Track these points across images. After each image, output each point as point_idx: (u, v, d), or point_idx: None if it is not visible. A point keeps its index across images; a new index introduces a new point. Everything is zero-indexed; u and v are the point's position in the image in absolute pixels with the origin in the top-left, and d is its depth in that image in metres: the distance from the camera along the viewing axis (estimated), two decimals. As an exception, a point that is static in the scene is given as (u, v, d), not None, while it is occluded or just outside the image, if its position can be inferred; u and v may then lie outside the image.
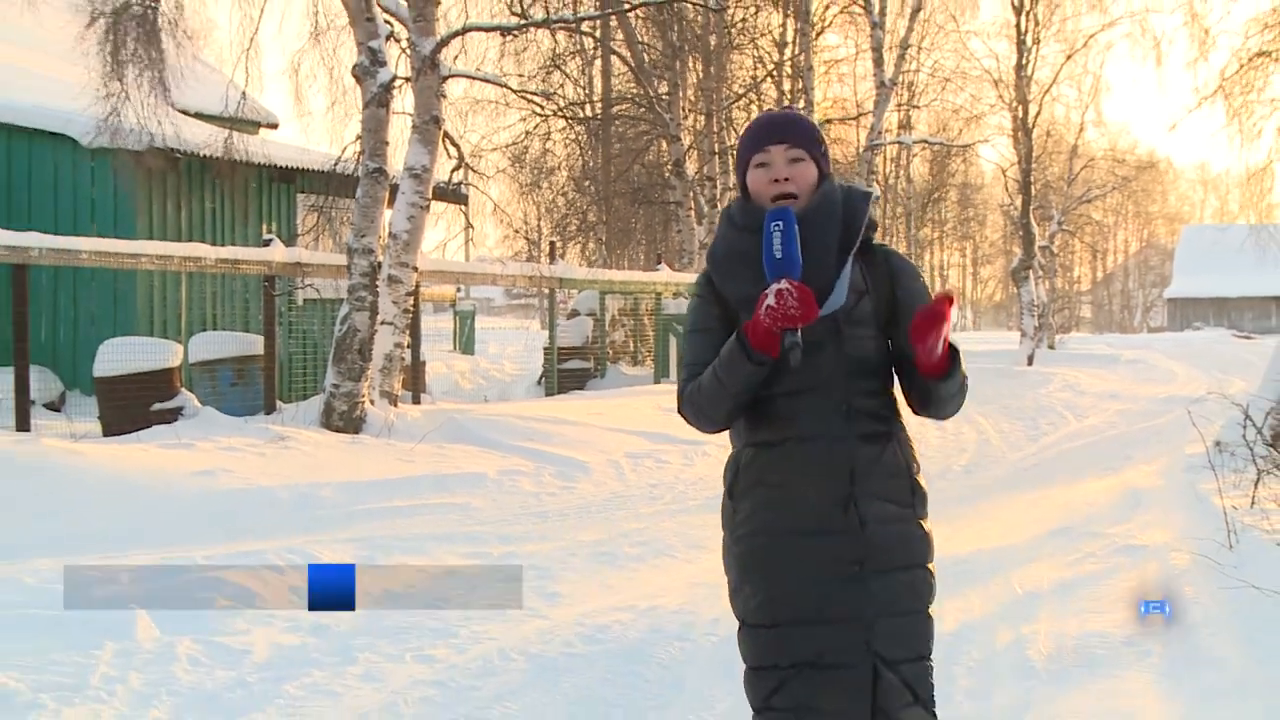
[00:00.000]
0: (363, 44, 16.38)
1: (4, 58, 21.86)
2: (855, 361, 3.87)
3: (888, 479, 3.88)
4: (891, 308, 3.96)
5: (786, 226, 3.73)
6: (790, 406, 3.85)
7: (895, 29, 32.24)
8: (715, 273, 4.01)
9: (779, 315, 3.62)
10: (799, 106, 32.05)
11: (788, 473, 3.85)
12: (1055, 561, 10.20)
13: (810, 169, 3.97)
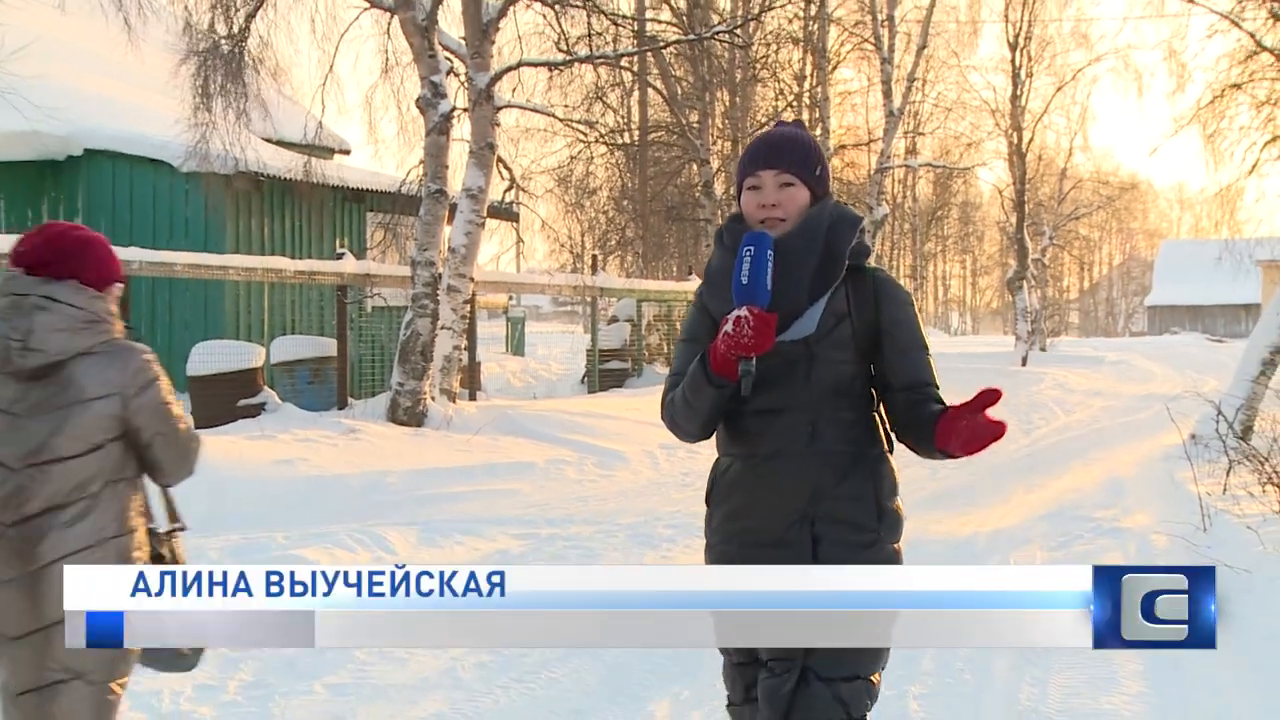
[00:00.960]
0: (426, 78, 16.41)
1: (109, 92, 21.94)
2: (826, 385, 3.52)
3: (849, 501, 3.51)
4: (875, 332, 3.60)
5: (757, 253, 3.40)
6: (759, 424, 3.55)
7: (902, 64, 32.13)
8: (705, 287, 3.75)
9: (733, 342, 3.33)
10: (816, 133, 32.01)
11: (753, 486, 3.56)
12: (1046, 543, 10.17)
13: (800, 193, 3.62)
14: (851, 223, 3.63)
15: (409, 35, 16.59)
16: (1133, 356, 38.01)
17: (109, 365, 4.01)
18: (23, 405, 3.95)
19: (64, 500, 3.91)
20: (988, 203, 59.39)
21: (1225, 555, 8.49)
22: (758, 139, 3.77)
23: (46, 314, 3.95)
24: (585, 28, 21.17)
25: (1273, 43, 17.33)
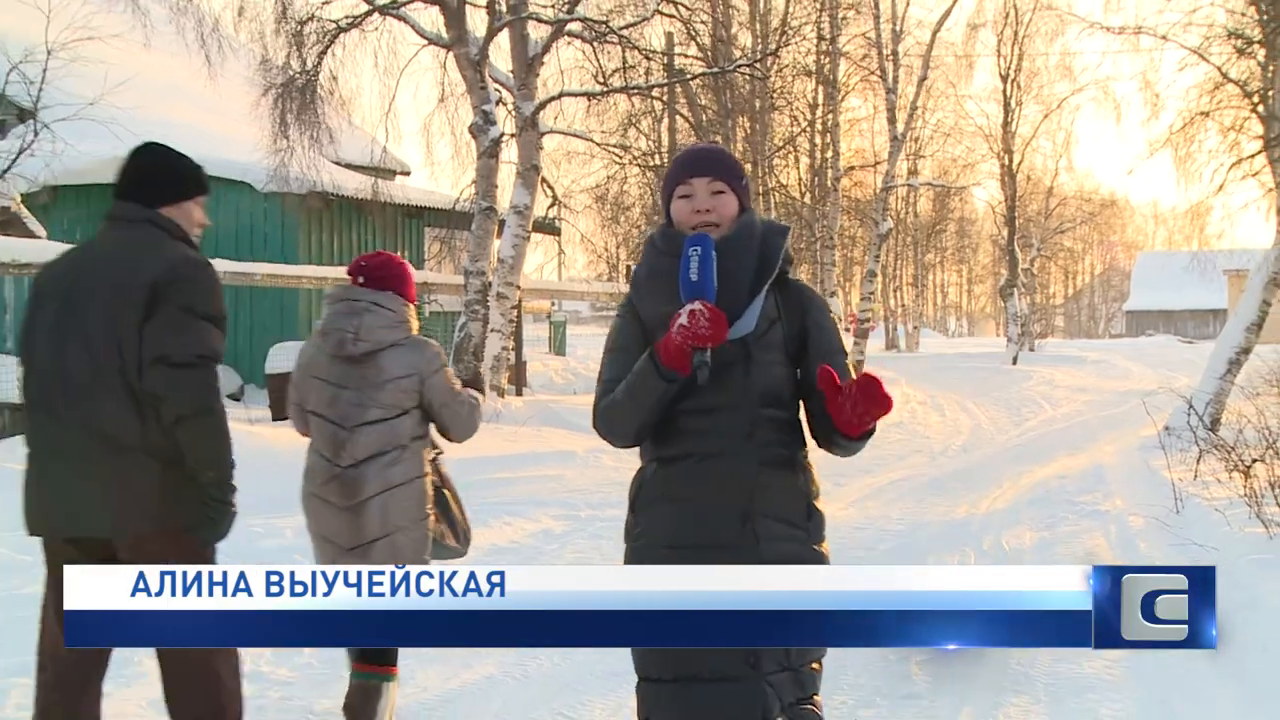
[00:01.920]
0: (478, 107, 16.44)
1: (196, 120, 22.07)
2: (762, 386, 3.30)
3: (786, 501, 3.30)
4: (801, 338, 3.40)
5: (704, 252, 3.21)
6: (697, 423, 3.28)
7: (905, 93, 32.04)
8: (635, 293, 3.47)
9: (690, 334, 3.10)
10: (827, 155, 31.96)
11: (690, 487, 3.28)
12: (1035, 524, 10.14)
13: (731, 201, 3.43)
14: (781, 231, 3.47)
15: (463, 69, 16.63)
16: (1112, 356, 37.85)
17: (410, 354, 5.00)
18: (350, 381, 4.96)
19: (380, 450, 4.90)
20: (982, 218, 59.17)
21: (1195, 535, 8.47)
22: (686, 151, 3.59)
23: (372, 315, 5.00)
24: (620, 62, 21.17)
25: (1237, 75, 17.37)
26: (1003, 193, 38.65)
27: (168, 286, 4.05)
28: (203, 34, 17.28)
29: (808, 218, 32.86)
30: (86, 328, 4.05)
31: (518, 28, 16.81)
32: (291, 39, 16.95)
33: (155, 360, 3.97)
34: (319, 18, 16.92)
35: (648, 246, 3.52)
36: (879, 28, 30.42)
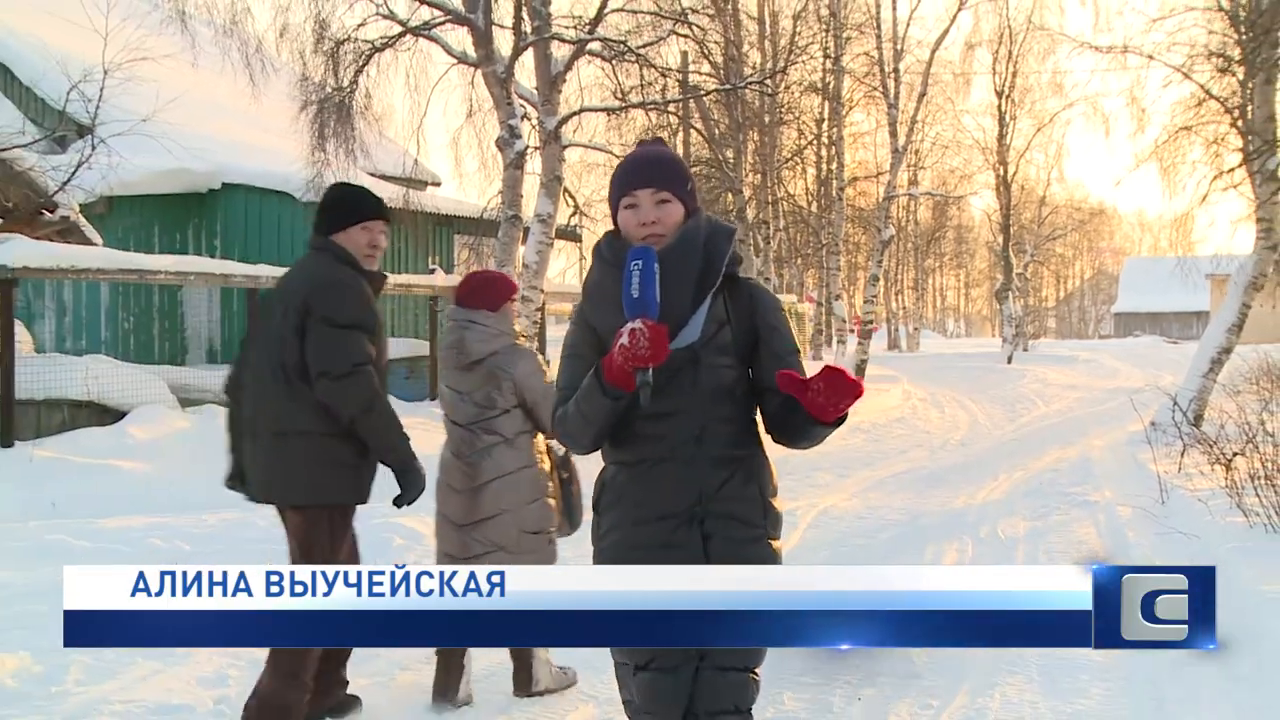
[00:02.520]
0: (504, 122, 16.47)
1: (241, 136, 22.15)
2: (712, 390, 3.15)
3: (737, 501, 3.16)
4: (752, 338, 3.23)
5: (645, 266, 3.00)
6: (650, 429, 3.14)
7: (906, 108, 32.00)
8: (587, 303, 3.31)
9: (630, 354, 2.93)
10: (832, 167, 31.86)
11: (643, 492, 3.17)
12: (1029, 513, 10.14)
13: (676, 209, 3.24)
14: (727, 234, 3.29)
15: (490, 86, 16.66)
16: (1102, 356, 37.76)
17: (506, 361, 5.49)
18: (464, 387, 5.52)
19: (491, 444, 5.45)
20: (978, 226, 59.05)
21: (1179, 523, 8.47)
22: (630, 159, 3.35)
23: (470, 331, 5.52)
24: (638, 79, 21.17)
25: (1219, 92, 17.38)
26: (998, 202, 38.68)
27: (312, 302, 4.71)
28: (247, 54, 17.33)
29: (814, 225, 32.86)
30: (268, 335, 4.83)
31: (541, 47, 16.83)
32: (329, 58, 17.01)
33: (320, 375, 4.66)
34: (355, 38, 16.97)
35: (595, 255, 3.34)
36: (881, 47, 30.40)
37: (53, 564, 7.24)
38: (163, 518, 8.96)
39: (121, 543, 7.90)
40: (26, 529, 8.18)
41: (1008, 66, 36.64)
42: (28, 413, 12.33)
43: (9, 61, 21.70)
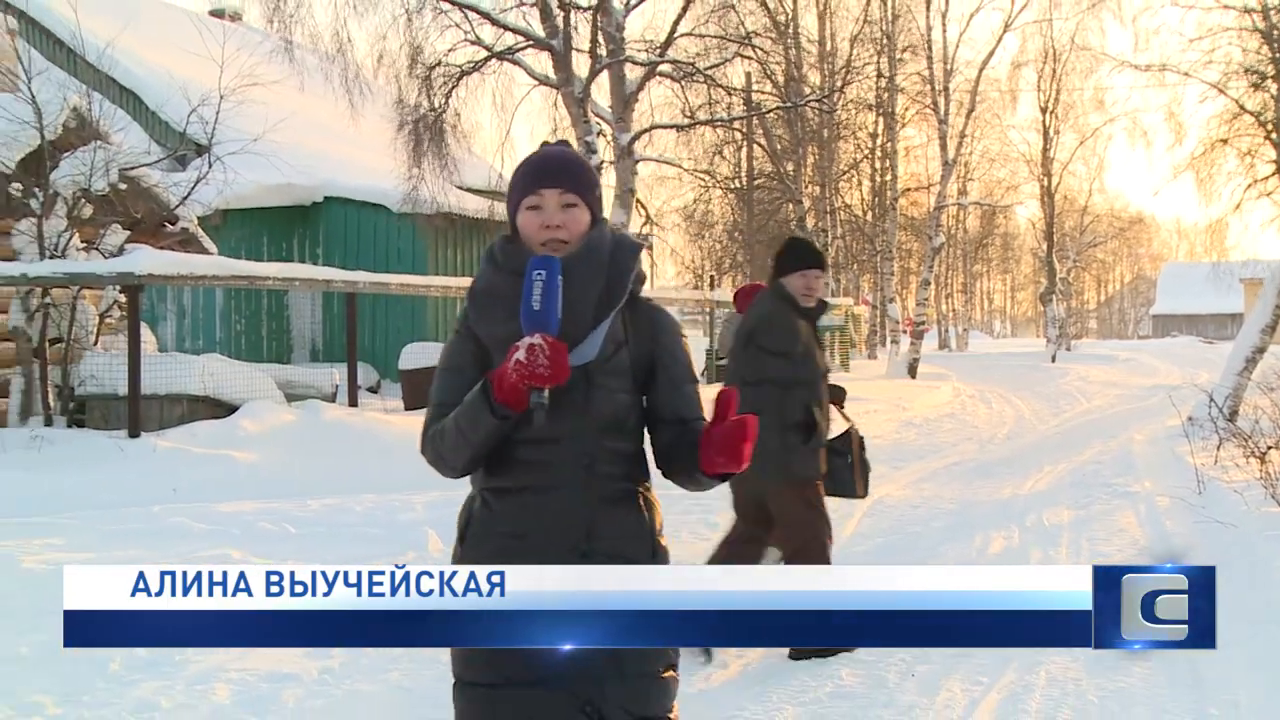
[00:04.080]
0: (581, 138, 16.51)
1: (341, 154, 22.38)
2: (604, 415, 2.65)
3: (627, 539, 2.66)
4: (649, 364, 2.76)
5: (549, 278, 2.54)
6: (531, 454, 2.63)
7: (955, 124, 31.69)
8: (472, 310, 2.76)
9: (527, 372, 2.45)
10: (886, 178, 31.58)
11: (523, 523, 2.63)
12: (1072, 503, 10.00)
13: (583, 215, 2.73)
14: (633, 249, 2.79)
15: (568, 105, 16.71)
16: (1141, 355, 37.21)
17: None
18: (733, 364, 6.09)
19: None
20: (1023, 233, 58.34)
21: (1216, 513, 8.35)
22: (535, 157, 2.82)
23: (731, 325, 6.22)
24: (706, 98, 21.16)
25: (1253, 106, 17.11)
26: (1042, 211, 38.33)
27: (751, 332, 5.78)
28: (347, 79, 17.51)
29: (869, 233, 32.66)
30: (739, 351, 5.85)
31: (616, 69, 16.86)
32: (422, 82, 17.15)
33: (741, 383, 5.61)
34: (446, 63, 17.09)
35: (486, 259, 2.82)
36: (932, 67, 30.14)
37: (174, 544, 7.37)
38: (270, 503, 9.07)
39: (234, 525, 8.01)
40: (150, 512, 8.32)
41: (1052, 84, 36.28)
42: (152, 406, 12.54)
43: (137, 89, 22.09)
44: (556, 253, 2.66)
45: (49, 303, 13.27)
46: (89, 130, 14.36)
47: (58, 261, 12.98)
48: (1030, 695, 5.03)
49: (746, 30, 22.27)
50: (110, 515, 8.19)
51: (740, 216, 34.35)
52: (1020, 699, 4.99)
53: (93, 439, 11.75)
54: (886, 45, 29.37)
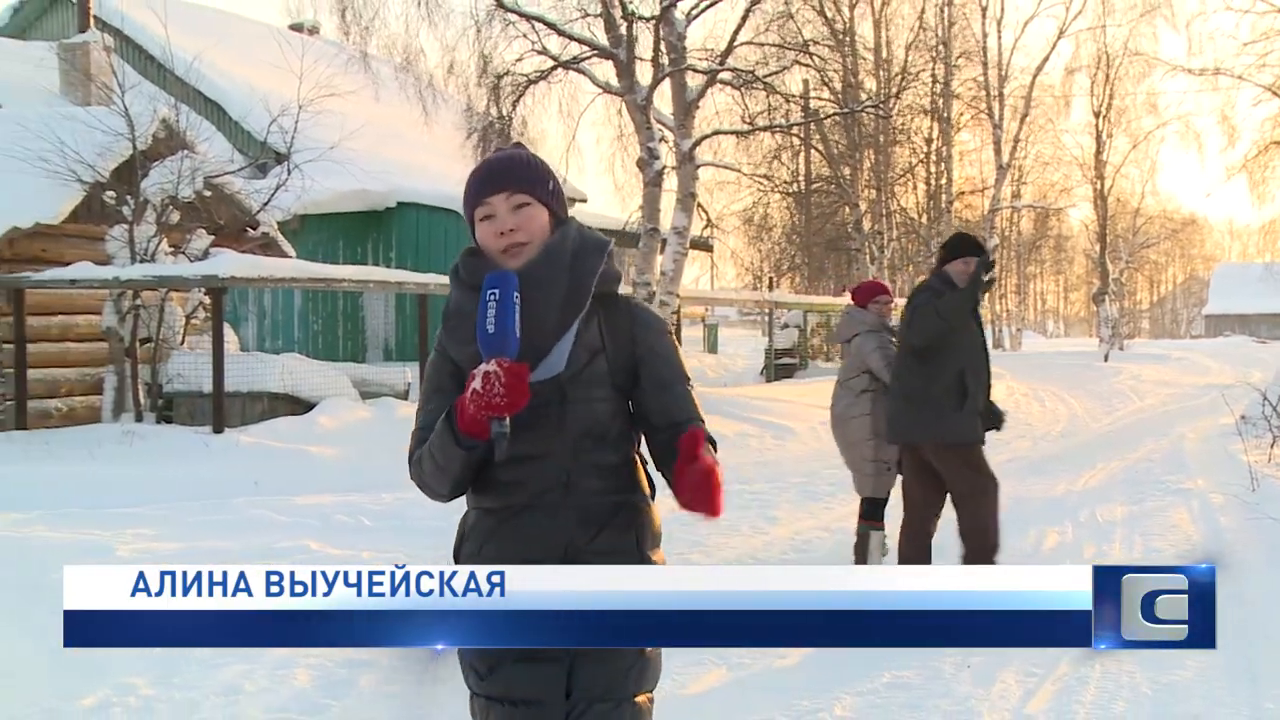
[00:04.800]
0: (644, 144, 16.53)
1: (413, 160, 22.55)
2: (581, 428, 2.44)
3: (609, 555, 2.44)
4: (632, 367, 2.51)
5: (503, 295, 2.29)
6: (510, 474, 2.45)
7: (1009, 128, 31.39)
8: (444, 329, 2.55)
9: (483, 402, 2.26)
10: (941, 182, 31.33)
11: (507, 543, 2.47)
12: (1126, 499, 9.87)
13: (539, 213, 2.49)
14: (598, 247, 2.54)
15: (631, 112, 16.73)
16: (1193, 355, 36.60)
17: (863, 341, 7.15)
18: (845, 356, 7.41)
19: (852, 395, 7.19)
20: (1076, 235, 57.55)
21: (1269, 510, 8.22)
22: (480, 165, 2.58)
23: (847, 317, 7.44)
24: (764, 105, 21.12)
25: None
26: (1095, 213, 37.87)
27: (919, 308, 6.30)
28: (420, 89, 17.66)
29: (925, 236, 32.40)
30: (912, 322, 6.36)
31: (678, 77, 16.85)
32: (491, 91, 17.24)
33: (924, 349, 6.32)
34: (513, 73, 17.17)
35: (451, 276, 2.58)
36: (987, 73, 29.89)
37: (256, 535, 7.46)
38: (347, 496, 9.16)
39: (312, 517, 8.09)
40: (234, 504, 8.43)
41: (1105, 89, 35.81)
42: (234, 403, 12.71)
43: (222, 101, 22.40)
44: (517, 258, 2.46)
45: (139, 304, 13.50)
46: (177, 140, 14.59)
47: (147, 265, 13.21)
48: (1085, 687, 4.97)
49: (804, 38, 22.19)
50: (196, 507, 8.32)
51: (798, 219, 34.23)
52: (1075, 691, 4.93)
53: (179, 434, 11.94)
54: (942, 52, 29.14)
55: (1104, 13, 33.92)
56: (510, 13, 16.63)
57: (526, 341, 2.33)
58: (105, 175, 13.76)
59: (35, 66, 19.12)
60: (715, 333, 35.93)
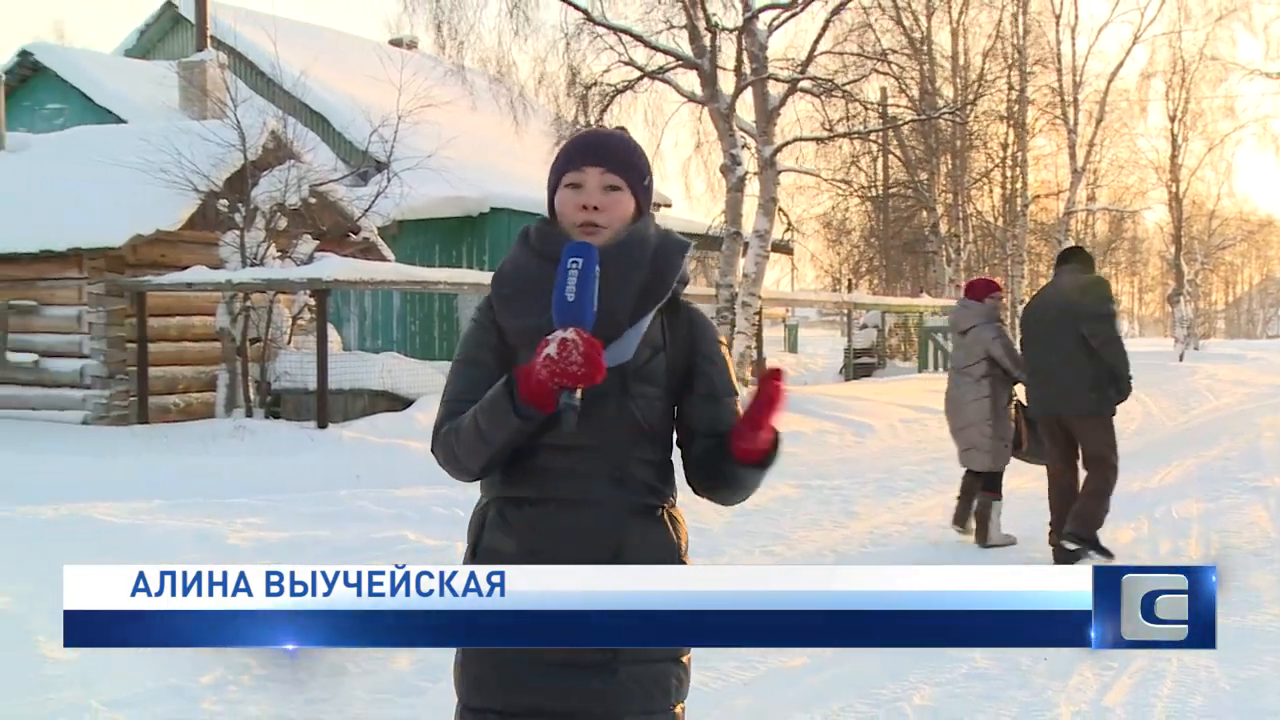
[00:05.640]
0: (727, 151, 16.50)
1: (505, 168, 22.70)
2: (637, 423, 2.25)
3: (656, 556, 2.28)
4: (686, 372, 2.33)
5: (585, 266, 2.11)
6: (556, 462, 2.23)
7: (1084, 133, 30.81)
8: (496, 296, 2.32)
9: (558, 370, 2.04)
10: (1017, 186, 30.86)
11: (545, 538, 2.24)
12: (1201, 497, 9.64)
13: (626, 200, 2.29)
14: (680, 247, 2.35)
15: (715, 120, 16.71)
16: (1270, 355, 35.66)
17: (981, 331, 7.78)
18: (960, 345, 7.94)
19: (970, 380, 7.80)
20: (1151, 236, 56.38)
21: (1349, 510, 7.97)
22: (580, 134, 2.41)
23: (963, 310, 7.98)
24: (844, 112, 20.95)
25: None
26: (1170, 215, 37.08)
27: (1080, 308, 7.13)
28: (512, 99, 17.79)
29: (1000, 238, 31.96)
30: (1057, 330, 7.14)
31: (759, 86, 16.79)
32: (579, 100, 17.32)
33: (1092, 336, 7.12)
34: (601, 83, 17.24)
35: (518, 241, 2.37)
36: (1062, 80, 29.38)
37: (357, 525, 7.57)
38: (441, 489, 9.23)
39: (410, 509, 8.19)
40: (337, 496, 8.56)
41: (1180, 93, 35.08)
42: (338, 400, 12.90)
43: (326, 113, 22.75)
44: (592, 238, 2.24)
45: (249, 306, 13.77)
46: (284, 151, 14.85)
47: (257, 269, 13.46)
48: (1161, 681, 4.86)
49: (883, 47, 22.00)
50: (302, 498, 8.46)
51: (876, 223, 33.94)
52: (1152, 685, 4.82)
53: (286, 429, 12.15)
54: (1017, 59, 28.70)
55: (1180, 18, 33.19)
56: (598, 26, 16.70)
57: (599, 322, 2.14)
58: (219, 184, 14.06)
59: (157, 85, 19.59)
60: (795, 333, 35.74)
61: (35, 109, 22.49)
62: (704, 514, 8.02)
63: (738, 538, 7.72)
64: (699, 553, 7.21)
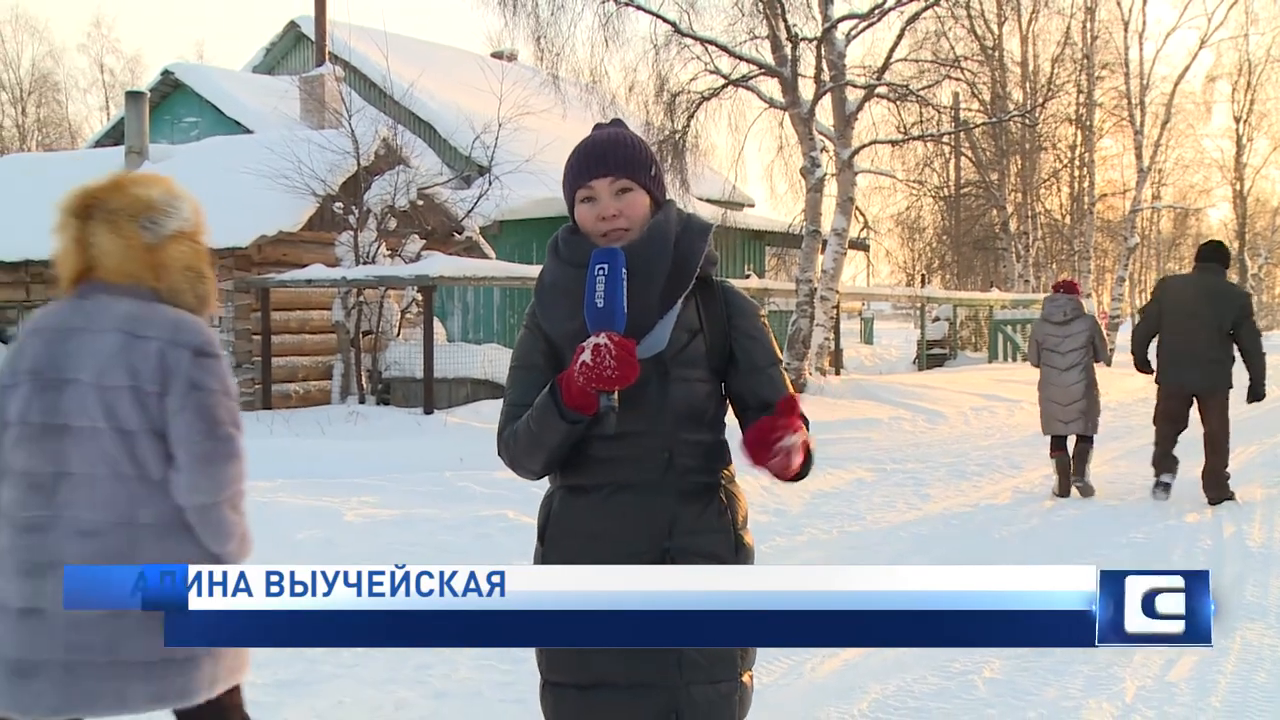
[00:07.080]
0: (806, 154, 16.36)
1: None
2: (681, 407, 2.22)
3: (710, 534, 2.25)
4: (726, 349, 2.30)
5: (611, 271, 2.11)
6: (607, 450, 2.23)
7: (1150, 134, 30.01)
8: (538, 305, 2.32)
9: (594, 375, 2.06)
10: (1084, 185, 30.16)
11: (601, 522, 2.24)
12: (1265, 482, 9.37)
13: (640, 198, 2.26)
14: (701, 230, 2.31)
15: (795, 124, 16.58)
16: (1332, 346, 34.46)
17: (1079, 321, 8.71)
18: (1059, 334, 8.78)
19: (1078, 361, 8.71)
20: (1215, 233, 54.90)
21: None
22: (582, 145, 2.34)
23: (1068, 304, 8.76)
24: (918, 116, 20.65)
25: None
26: (1234, 213, 36.07)
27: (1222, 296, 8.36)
28: (603, 106, 17.79)
29: (1068, 236, 31.31)
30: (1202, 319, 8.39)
31: (838, 92, 16.61)
32: (667, 107, 17.28)
33: None
34: (688, 90, 17.18)
35: (550, 252, 2.34)
36: (1129, 83, 28.65)
37: (462, 505, 7.65)
38: (541, 469, 9.31)
39: (511, 490, 8.24)
40: (443, 477, 8.65)
41: (1246, 95, 34.06)
42: (442, 388, 13.06)
43: (433, 121, 23.00)
44: (618, 242, 2.22)
45: (362, 301, 13.98)
46: (394, 157, 15.04)
47: (369, 267, 13.66)
48: (1225, 658, 4.73)
49: (956, 55, 21.62)
50: (411, 479, 8.57)
51: (948, 221, 33.45)
52: (1216, 661, 4.69)
53: (396, 415, 12.32)
54: (1085, 64, 28.05)
55: (1247, 22, 32.17)
56: (685, 37, 16.63)
57: (631, 318, 2.13)
58: (334, 188, 14.29)
59: (280, 97, 19.95)
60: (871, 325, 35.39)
61: (174, 122, 23.07)
62: (785, 496, 7.98)
63: (816, 519, 7.66)
64: (779, 531, 7.18)
